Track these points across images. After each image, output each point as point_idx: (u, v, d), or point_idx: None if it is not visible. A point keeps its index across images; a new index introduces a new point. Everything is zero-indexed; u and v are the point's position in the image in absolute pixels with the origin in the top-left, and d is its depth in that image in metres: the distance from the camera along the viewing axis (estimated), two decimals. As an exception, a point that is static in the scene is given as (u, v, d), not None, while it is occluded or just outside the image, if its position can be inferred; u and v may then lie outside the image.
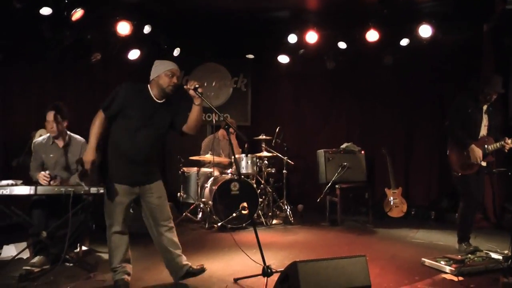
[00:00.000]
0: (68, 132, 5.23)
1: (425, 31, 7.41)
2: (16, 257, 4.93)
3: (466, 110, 5.48)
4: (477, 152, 5.36)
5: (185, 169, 7.71)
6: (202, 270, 4.39)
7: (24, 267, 4.59)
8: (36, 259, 4.74)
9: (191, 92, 4.13)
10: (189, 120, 4.27)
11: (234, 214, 6.78)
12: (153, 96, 4.22)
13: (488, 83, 5.41)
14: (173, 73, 4.19)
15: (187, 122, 4.28)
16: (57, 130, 5.05)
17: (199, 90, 4.11)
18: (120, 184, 4.16)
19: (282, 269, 3.80)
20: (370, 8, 7.46)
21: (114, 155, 4.20)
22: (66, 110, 5.15)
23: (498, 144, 5.37)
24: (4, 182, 4.45)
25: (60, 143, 5.16)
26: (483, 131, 5.51)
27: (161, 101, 4.25)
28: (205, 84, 8.98)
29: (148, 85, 4.26)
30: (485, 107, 5.50)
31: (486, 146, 5.41)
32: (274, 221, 7.48)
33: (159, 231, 4.31)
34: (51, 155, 5.11)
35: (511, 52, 7.29)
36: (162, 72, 4.19)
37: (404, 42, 7.85)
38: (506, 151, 5.36)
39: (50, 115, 5.02)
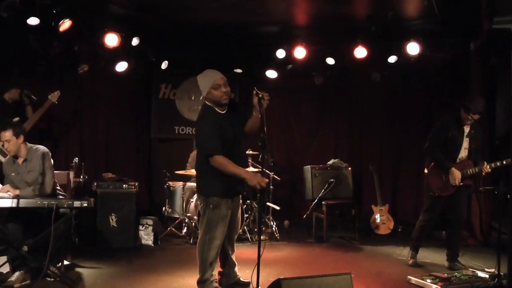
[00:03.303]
0: (29, 145, 5.09)
1: (413, 48, 7.44)
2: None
3: (447, 133, 5.56)
4: (457, 174, 5.42)
5: (170, 183, 7.62)
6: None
7: (3, 285, 4.47)
8: (15, 276, 4.59)
9: (256, 100, 4.08)
10: (249, 125, 4.38)
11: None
12: (219, 111, 4.24)
13: (472, 103, 5.47)
14: (219, 84, 4.16)
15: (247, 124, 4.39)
16: (13, 149, 4.94)
17: (263, 102, 4.03)
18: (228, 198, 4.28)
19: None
20: (358, 25, 7.51)
21: (220, 172, 4.13)
22: (19, 126, 5.06)
23: (476, 169, 5.44)
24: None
25: (20, 160, 5.04)
26: (463, 153, 5.58)
27: (225, 111, 4.27)
28: (193, 98, 8.93)
29: (207, 103, 4.26)
30: (467, 130, 5.55)
31: (464, 170, 5.47)
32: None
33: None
34: (14, 174, 5.02)
35: (498, 70, 7.35)
36: (208, 87, 4.15)
37: (392, 59, 7.87)
38: (483, 174, 5.45)
39: (3, 135, 4.89)
